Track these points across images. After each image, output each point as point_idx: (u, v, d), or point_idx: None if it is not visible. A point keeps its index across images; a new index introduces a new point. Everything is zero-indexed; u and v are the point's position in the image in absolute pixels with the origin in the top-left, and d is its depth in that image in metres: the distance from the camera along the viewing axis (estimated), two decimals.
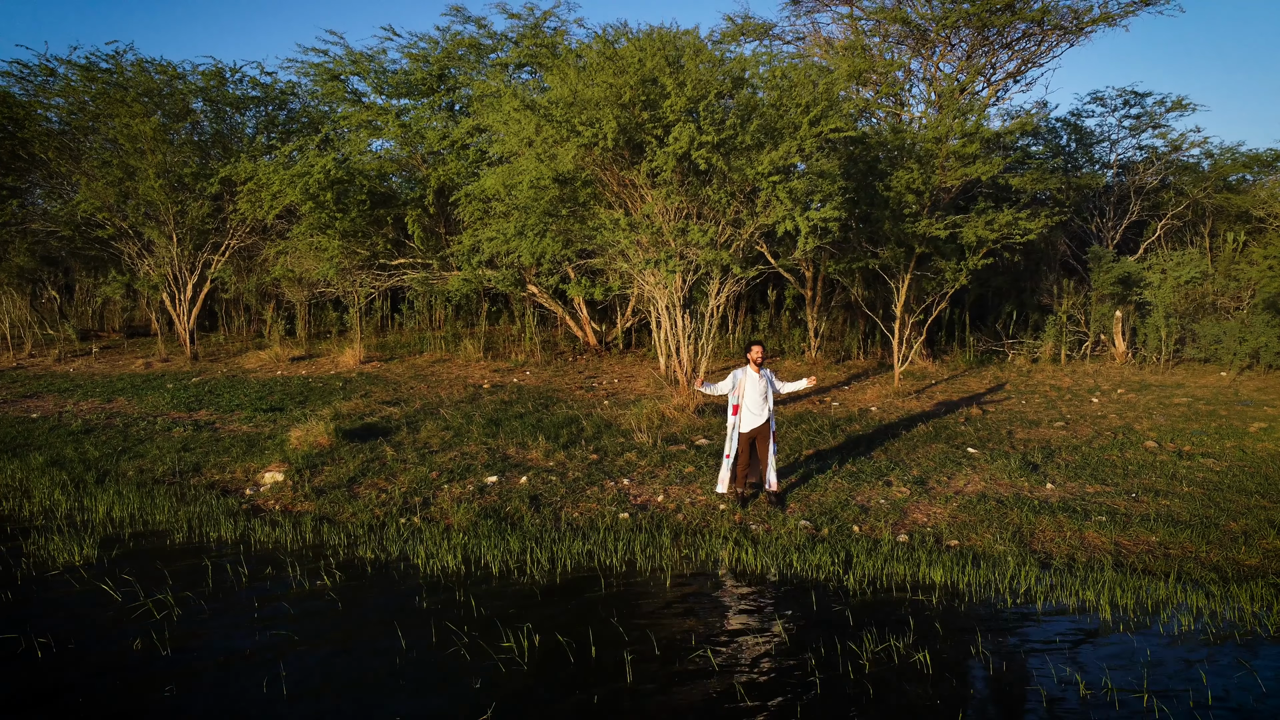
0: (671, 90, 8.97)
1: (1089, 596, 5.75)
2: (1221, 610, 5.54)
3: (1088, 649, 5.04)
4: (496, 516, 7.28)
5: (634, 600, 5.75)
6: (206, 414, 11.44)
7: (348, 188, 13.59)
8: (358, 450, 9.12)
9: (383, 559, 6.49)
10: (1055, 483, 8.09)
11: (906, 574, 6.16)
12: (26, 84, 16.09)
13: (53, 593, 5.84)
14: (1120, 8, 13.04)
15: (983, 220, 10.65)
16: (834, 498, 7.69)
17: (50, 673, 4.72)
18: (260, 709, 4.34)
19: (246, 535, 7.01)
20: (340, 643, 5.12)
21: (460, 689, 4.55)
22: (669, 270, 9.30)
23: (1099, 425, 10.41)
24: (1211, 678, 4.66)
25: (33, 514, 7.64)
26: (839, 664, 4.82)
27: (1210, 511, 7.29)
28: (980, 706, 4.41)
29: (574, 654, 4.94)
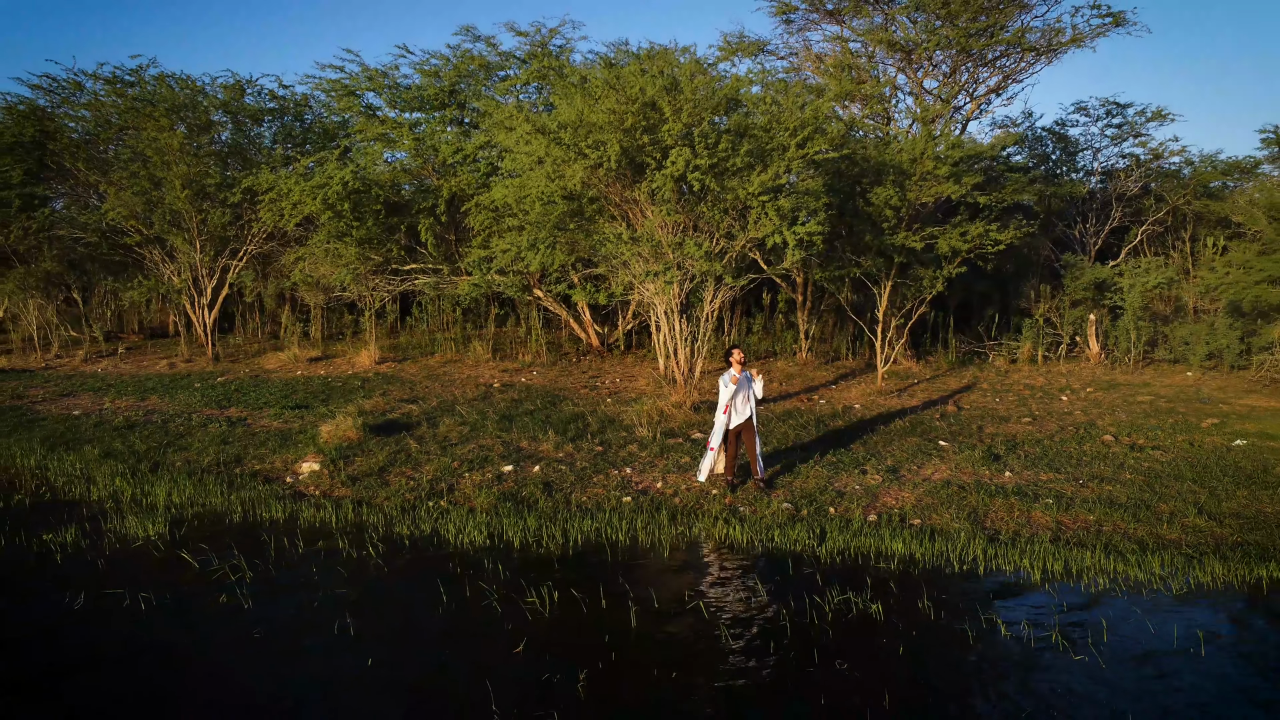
0: (669, 116, 10.09)
1: (1025, 564, 6.87)
2: (1135, 574, 6.66)
3: (1015, 602, 6.16)
4: (514, 500, 8.40)
5: (636, 566, 6.87)
6: (237, 411, 12.54)
7: (364, 197, 14.70)
8: (384, 443, 10.23)
9: (417, 535, 7.61)
10: (1013, 471, 9.20)
11: (872, 546, 7.28)
12: (54, 97, 17.25)
13: (140, 560, 6.95)
14: (1091, 30, 14.18)
15: (956, 232, 11.79)
16: (814, 484, 8.80)
17: (156, 621, 5.84)
18: (334, 647, 5.45)
19: (295, 515, 8.13)
20: (391, 598, 6.23)
21: (495, 631, 5.66)
22: (667, 281, 10.43)
23: (1064, 421, 11.52)
24: (1111, 623, 5.78)
25: (100, 498, 8.76)
26: (807, 613, 5.94)
27: (1145, 495, 8.41)
28: (919, 643, 5.52)
29: (587, 606, 6.05)
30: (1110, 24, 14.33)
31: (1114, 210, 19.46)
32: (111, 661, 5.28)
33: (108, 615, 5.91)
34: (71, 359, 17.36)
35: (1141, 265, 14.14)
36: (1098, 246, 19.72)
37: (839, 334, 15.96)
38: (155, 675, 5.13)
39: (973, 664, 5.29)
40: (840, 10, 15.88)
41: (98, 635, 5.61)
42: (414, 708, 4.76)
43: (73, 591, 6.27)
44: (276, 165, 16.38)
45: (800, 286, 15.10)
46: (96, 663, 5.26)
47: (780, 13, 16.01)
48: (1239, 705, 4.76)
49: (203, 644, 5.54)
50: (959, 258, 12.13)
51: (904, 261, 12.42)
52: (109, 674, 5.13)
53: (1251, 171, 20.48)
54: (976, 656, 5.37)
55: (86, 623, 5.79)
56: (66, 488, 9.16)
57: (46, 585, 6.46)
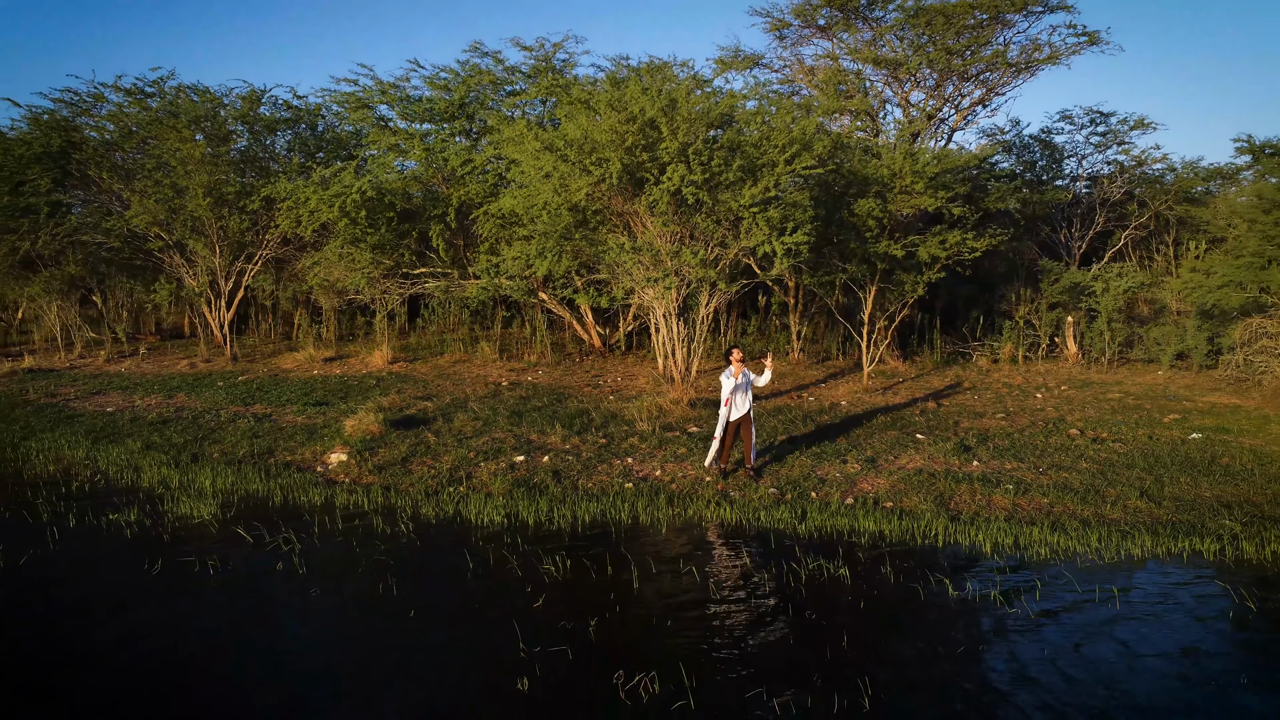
0: (666, 135, 11.20)
1: (979, 539, 7.96)
2: (1074, 546, 7.76)
3: (965, 568, 7.24)
4: (527, 486, 9.49)
5: (637, 541, 7.96)
6: (261, 408, 13.63)
7: (378, 205, 15.79)
8: (404, 436, 11.32)
9: (441, 515, 8.70)
10: (981, 460, 10.30)
11: (846, 525, 8.38)
12: (75, 109, 18.36)
13: (199, 536, 8.05)
14: (1067, 48, 15.29)
15: (936, 240, 12.89)
16: (799, 472, 9.90)
17: (226, 583, 6.93)
18: (381, 602, 6.54)
19: (330, 499, 9.22)
20: (425, 564, 7.32)
21: (517, 590, 6.75)
22: (665, 286, 11.53)
23: (1035, 417, 12.62)
24: (1045, 584, 6.87)
25: (150, 485, 9.85)
26: (784, 577, 7.03)
27: (1097, 482, 9.50)
28: (877, 598, 6.61)
29: (595, 571, 7.15)
30: (1085, 42, 15.46)
31: (1098, 215, 20.59)
32: (194, 614, 6.37)
33: (183, 579, 7.00)
34: (94, 359, 18.45)
35: (1114, 270, 15.24)
36: (1082, 250, 20.85)
37: (829, 335, 17.07)
38: (232, 622, 6.22)
39: (921, 614, 6.38)
40: (831, 26, 16.99)
41: (180, 594, 6.70)
42: (453, 646, 5.85)
43: (149, 559, 7.37)
44: (293, 174, 17.48)
45: (792, 290, 16.20)
46: (183, 615, 6.35)
47: (774, 29, 17.12)
48: (1133, 633, 5.84)
49: (270, 600, 6.63)
50: (938, 264, 13.24)
51: (887, 268, 13.53)
52: (195, 621, 6.22)
53: (1233, 177, 21.61)
54: (925, 608, 6.46)
55: (168, 585, 6.88)
56: (118, 476, 10.26)
57: (123, 555, 7.55)
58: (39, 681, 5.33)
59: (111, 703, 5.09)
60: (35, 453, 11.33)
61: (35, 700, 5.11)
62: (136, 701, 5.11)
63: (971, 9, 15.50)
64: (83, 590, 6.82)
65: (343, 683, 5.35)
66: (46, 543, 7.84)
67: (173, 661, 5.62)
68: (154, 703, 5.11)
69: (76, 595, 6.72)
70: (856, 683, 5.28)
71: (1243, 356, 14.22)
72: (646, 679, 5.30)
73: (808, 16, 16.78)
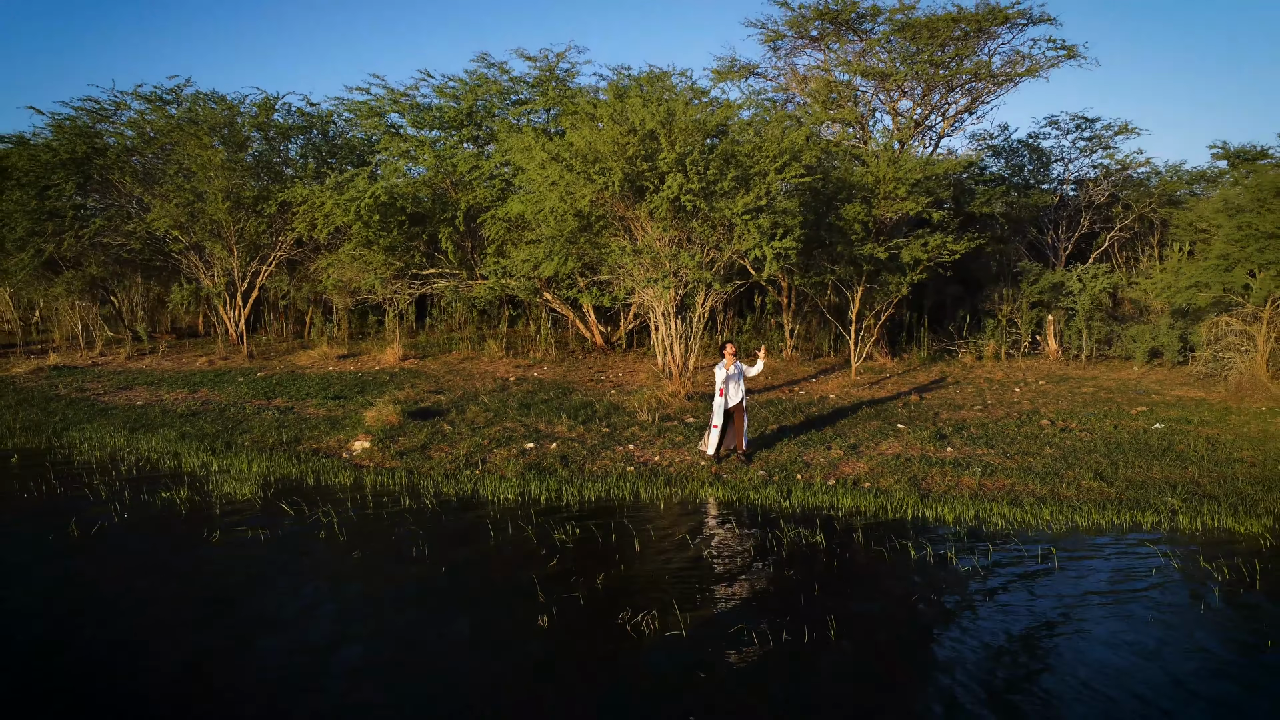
0: (665, 146, 12.32)
1: (944, 513, 9.08)
2: (1028, 519, 8.87)
3: (927, 536, 8.35)
4: (537, 469, 10.60)
5: (638, 515, 9.07)
6: (282, 401, 14.74)
7: (390, 209, 16.90)
8: (421, 426, 12.43)
9: (461, 494, 9.81)
10: (954, 447, 11.41)
11: (826, 502, 9.49)
12: (97, 115, 19.47)
13: (245, 511, 9.15)
14: (1046, 61, 16.42)
15: (918, 243, 14.01)
16: (786, 457, 11.01)
17: (278, 549, 8.04)
18: (415, 562, 7.65)
19: (359, 480, 10.34)
20: (451, 533, 8.43)
21: (533, 553, 7.86)
22: (664, 287, 12.65)
23: (1011, 409, 13.73)
24: (995, 548, 7.99)
25: (191, 469, 10.96)
26: (768, 543, 8.14)
27: (1058, 465, 10.61)
28: (847, 559, 7.72)
29: (601, 539, 8.26)
30: (1064, 56, 16.58)
31: (1083, 218, 21.72)
32: (260, 575, 7.48)
33: (240, 546, 8.11)
34: (115, 356, 19.55)
35: (1090, 271, 16.36)
36: (1068, 252, 21.96)
37: (821, 333, 18.19)
38: (289, 581, 7.32)
39: (884, 570, 7.49)
40: (823, 37, 18.12)
41: (243, 554, 7.81)
42: (482, 595, 6.96)
43: (207, 529, 8.48)
44: (308, 179, 18.59)
45: (785, 290, 17.32)
46: (252, 570, 7.46)
47: (769, 40, 18.24)
48: (1053, 581, 6.95)
49: (319, 563, 7.74)
50: (921, 265, 14.36)
51: (873, 269, 14.65)
52: (264, 575, 7.33)
53: (1216, 180, 22.75)
54: (888, 566, 7.57)
55: (229, 552, 7.99)
56: (159, 461, 11.37)
57: (183, 526, 8.67)
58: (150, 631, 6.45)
59: (227, 642, 6.21)
60: (79, 441, 12.45)
61: (155, 637, 6.23)
62: (246, 639, 6.23)
63: (955, 23, 16.63)
64: (159, 554, 7.93)
65: (393, 619, 6.45)
66: (111, 516, 8.95)
67: (257, 608, 6.73)
68: (260, 640, 6.22)
69: (155, 557, 7.82)
70: (825, 619, 6.39)
71: (1210, 353, 15.35)
72: (647, 616, 6.42)
73: (801, 28, 17.89)
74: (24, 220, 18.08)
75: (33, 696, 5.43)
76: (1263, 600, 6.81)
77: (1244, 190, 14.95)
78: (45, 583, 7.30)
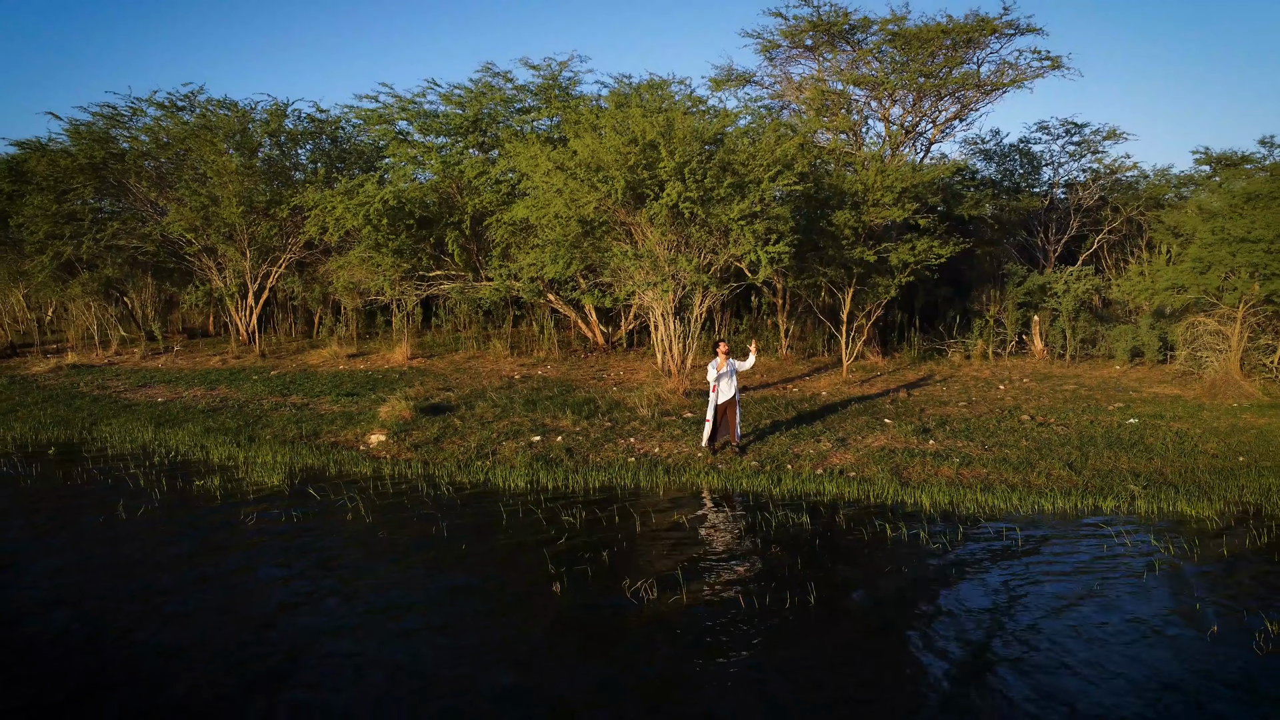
0: (665, 155, 13.23)
1: (922, 498, 9.98)
2: (999, 504, 9.77)
3: (904, 519, 9.25)
4: (544, 460, 11.51)
5: (639, 500, 9.97)
6: (298, 398, 15.64)
7: (398, 213, 17.80)
8: (433, 421, 13.34)
9: (474, 482, 10.71)
10: (936, 440, 12.31)
11: (814, 489, 10.40)
12: (112, 121, 20.38)
13: (276, 497, 10.05)
14: (1032, 71, 17.35)
15: (906, 247, 14.93)
16: (777, 449, 11.92)
17: (310, 527, 8.94)
18: (437, 539, 8.55)
19: (378, 470, 11.24)
20: (468, 516, 9.33)
21: (544, 532, 8.76)
22: (664, 289, 13.56)
23: (994, 405, 14.63)
24: (965, 529, 8.89)
25: (219, 460, 11.87)
26: (758, 524, 9.05)
27: (1032, 456, 11.51)
28: (829, 538, 8.62)
29: (605, 521, 9.16)
30: (1049, 66, 17.51)
31: (1072, 220, 22.65)
32: (297, 549, 8.38)
33: (272, 528, 9.01)
34: (130, 356, 20.45)
35: (1073, 273, 17.27)
36: (1058, 254, 22.90)
37: (815, 333, 19.10)
38: (326, 555, 8.22)
39: (861, 547, 8.40)
40: (818, 47, 19.03)
41: (278, 535, 8.71)
42: (499, 567, 7.86)
43: (243, 513, 9.39)
44: (320, 184, 19.50)
45: (780, 292, 18.23)
46: (292, 551, 8.36)
47: (764, 50, 19.15)
48: (1024, 560, 7.85)
49: (350, 539, 8.64)
50: (909, 268, 15.27)
51: (863, 271, 15.57)
52: (302, 553, 8.23)
53: (1204, 184, 23.67)
54: (865, 544, 8.48)
55: (267, 528, 8.89)
56: (188, 453, 12.27)
57: (220, 510, 9.56)
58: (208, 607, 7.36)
59: (274, 614, 7.11)
60: (109, 435, 13.35)
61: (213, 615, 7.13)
62: (291, 610, 7.13)
63: (945, 34, 17.54)
64: (204, 534, 8.83)
65: (425, 586, 7.36)
66: (153, 501, 9.86)
67: (303, 577, 7.64)
68: (323, 603, 7.12)
69: (200, 536, 8.73)
70: (806, 587, 7.30)
71: (1187, 352, 16.26)
72: (647, 584, 7.32)
73: (795, 38, 18.80)
74: (44, 224, 18.99)
75: (121, 658, 6.33)
76: (1195, 572, 7.72)
77: (1218, 196, 15.85)
78: (106, 559, 8.20)
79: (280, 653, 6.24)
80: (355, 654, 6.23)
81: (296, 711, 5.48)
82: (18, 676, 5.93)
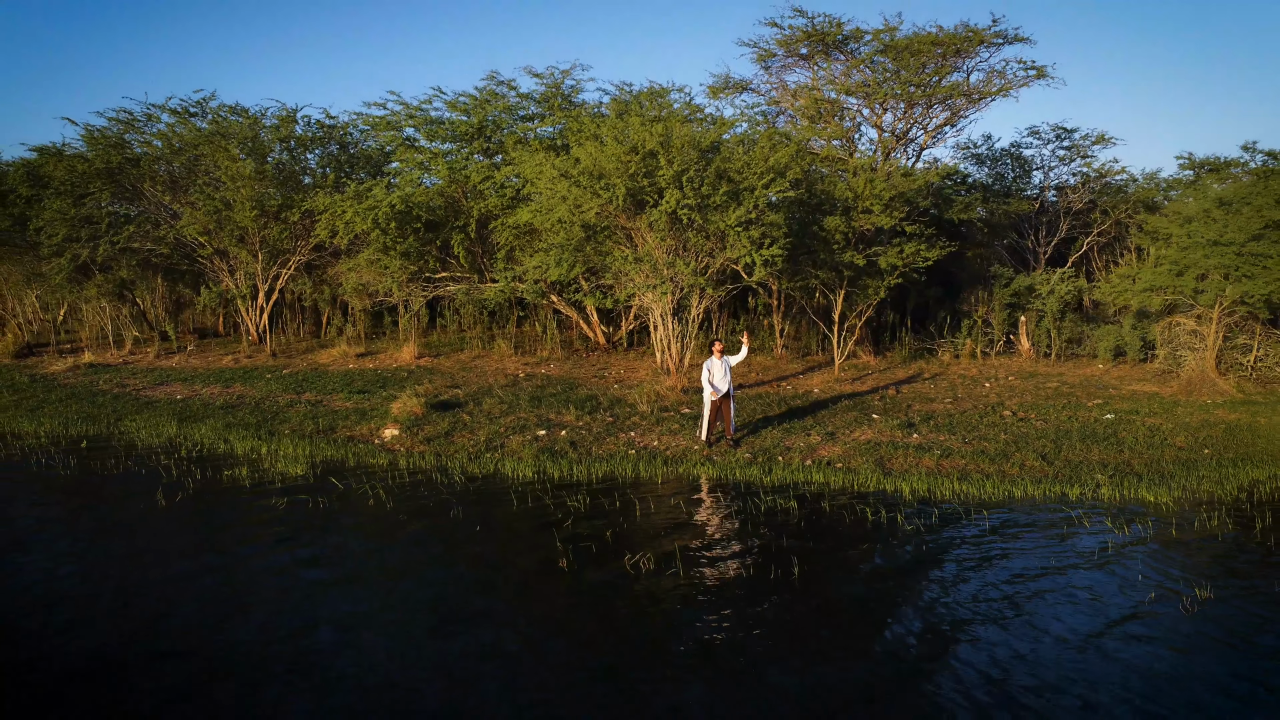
0: (663, 164, 14.17)
1: (902, 486, 10.90)
2: (973, 491, 10.69)
3: (883, 504, 10.17)
4: (550, 452, 12.43)
5: (639, 489, 10.89)
6: (311, 396, 16.56)
7: (406, 217, 18.73)
8: (443, 416, 14.26)
9: (485, 472, 11.63)
10: (920, 434, 13.24)
11: (802, 478, 11.32)
12: (127, 126, 21.32)
13: (300, 485, 10.97)
14: (1018, 80, 18.30)
15: (894, 251, 15.86)
16: (770, 442, 12.84)
17: (337, 509, 9.86)
18: (452, 521, 9.47)
19: (394, 461, 12.16)
20: (480, 501, 10.24)
21: (551, 515, 9.67)
22: (662, 291, 14.50)
23: (979, 402, 15.55)
24: (940, 513, 9.81)
25: (244, 452, 12.79)
26: (748, 509, 9.97)
27: (1008, 449, 12.43)
28: (814, 520, 9.54)
29: (607, 505, 10.08)
30: (1034, 76, 18.45)
31: (1061, 223, 23.58)
32: (326, 528, 9.30)
33: (301, 513, 9.93)
34: (144, 355, 21.38)
35: (1057, 275, 18.21)
36: (1048, 255, 23.84)
37: (810, 333, 20.02)
38: (354, 534, 9.14)
39: (843, 529, 9.31)
40: (812, 55, 19.97)
41: (307, 518, 9.63)
42: (511, 545, 8.78)
43: (274, 498, 10.31)
44: (329, 189, 20.44)
45: (775, 293, 19.16)
46: (322, 529, 9.28)
47: (761, 59, 20.09)
48: (990, 539, 8.76)
49: (373, 521, 9.56)
50: (897, 271, 16.22)
51: (853, 274, 16.50)
52: (332, 531, 9.15)
53: (1186, 189, 24.59)
54: (847, 526, 9.39)
55: (297, 510, 9.81)
56: (213, 446, 13.19)
57: (252, 497, 10.48)
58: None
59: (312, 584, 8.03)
60: (135, 430, 14.27)
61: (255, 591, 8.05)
62: (340, 573, 8.05)
63: (935, 45, 18.47)
64: (237, 516, 9.76)
65: (447, 557, 8.27)
66: (187, 489, 10.78)
67: (338, 550, 8.56)
68: (359, 572, 8.04)
69: (234, 518, 9.66)
70: (789, 560, 8.22)
71: (1166, 351, 17.19)
72: (645, 559, 8.25)
73: (790, 48, 19.73)
74: (63, 227, 19.92)
75: (181, 628, 7.26)
76: (1145, 550, 8.64)
77: (1194, 200, 16.77)
78: (152, 538, 9.12)
79: (323, 604, 7.16)
80: (381, 611, 7.15)
81: (343, 645, 6.39)
82: (134, 618, 6.85)
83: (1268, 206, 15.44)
